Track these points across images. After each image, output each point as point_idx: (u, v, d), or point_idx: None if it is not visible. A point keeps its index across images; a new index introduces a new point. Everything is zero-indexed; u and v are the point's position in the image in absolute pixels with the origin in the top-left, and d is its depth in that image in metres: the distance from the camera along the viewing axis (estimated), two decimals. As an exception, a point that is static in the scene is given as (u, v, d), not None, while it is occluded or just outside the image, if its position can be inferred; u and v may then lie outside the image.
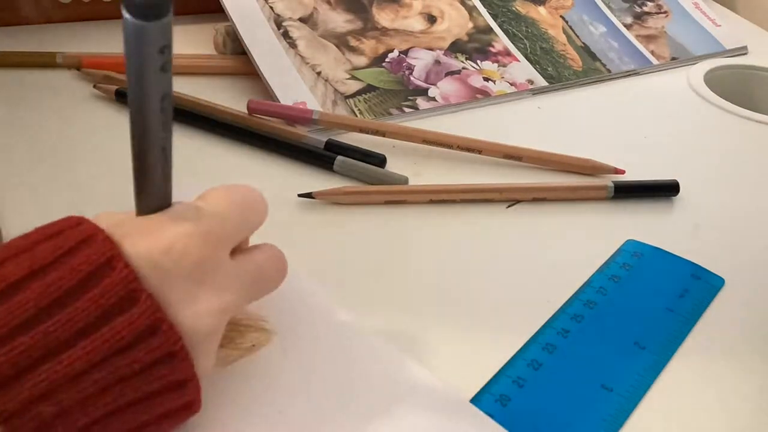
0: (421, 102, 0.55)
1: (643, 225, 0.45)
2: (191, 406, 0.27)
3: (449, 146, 0.49)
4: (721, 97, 0.60)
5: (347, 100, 0.53)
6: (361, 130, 0.50)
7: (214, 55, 0.58)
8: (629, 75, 0.63)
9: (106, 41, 0.58)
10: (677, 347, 0.36)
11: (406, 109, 0.54)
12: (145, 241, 0.26)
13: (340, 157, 0.46)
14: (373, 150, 0.48)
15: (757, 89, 0.65)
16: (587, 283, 0.39)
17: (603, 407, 0.33)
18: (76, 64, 0.54)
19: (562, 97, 0.59)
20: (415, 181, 0.46)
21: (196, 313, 0.26)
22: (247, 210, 0.30)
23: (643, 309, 0.38)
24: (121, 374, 0.24)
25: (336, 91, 0.53)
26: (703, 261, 0.42)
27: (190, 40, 0.60)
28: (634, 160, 0.50)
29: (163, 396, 0.26)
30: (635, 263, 0.41)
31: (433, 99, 0.55)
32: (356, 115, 0.52)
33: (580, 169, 0.49)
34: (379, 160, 0.47)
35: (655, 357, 0.36)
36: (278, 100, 0.51)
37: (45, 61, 0.55)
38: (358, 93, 0.54)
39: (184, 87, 0.52)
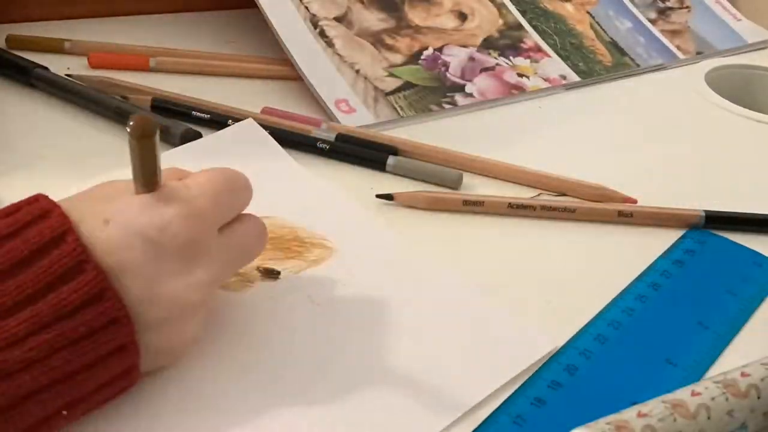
0: (459, 98, 0.55)
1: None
2: (130, 373, 0.28)
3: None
4: (721, 96, 0.60)
5: (387, 97, 0.53)
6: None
7: (242, 57, 0.58)
8: (656, 70, 0.63)
9: (116, 37, 0.58)
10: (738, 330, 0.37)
11: (446, 106, 0.54)
12: (142, 218, 0.28)
13: (392, 157, 0.46)
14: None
15: (758, 89, 0.65)
16: (651, 267, 0.40)
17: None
18: (84, 52, 0.55)
19: (591, 92, 0.59)
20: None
21: (188, 285, 0.28)
22: (235, 192, 0.32)
23: (705, 291, 0.39)
24: (66, 338, 0.25)
25: (376, 88, 0.54)
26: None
27: (200, 38, 0.60)
28: (632, 160, 0.50)
29: (106, 361, 0.26)
30: (697, 248, 0.42)
31: (471, 95, 0.55)
32: (398, 112, 0.52)
33: (589, 197, 0.45)
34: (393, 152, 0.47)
35: (716, 336, 0.36)
36: (322, 99, 0.51)
37: (53, 47, 0.56)
38: (397, 90, 0.54)
39: (206, 88, 0.52)
